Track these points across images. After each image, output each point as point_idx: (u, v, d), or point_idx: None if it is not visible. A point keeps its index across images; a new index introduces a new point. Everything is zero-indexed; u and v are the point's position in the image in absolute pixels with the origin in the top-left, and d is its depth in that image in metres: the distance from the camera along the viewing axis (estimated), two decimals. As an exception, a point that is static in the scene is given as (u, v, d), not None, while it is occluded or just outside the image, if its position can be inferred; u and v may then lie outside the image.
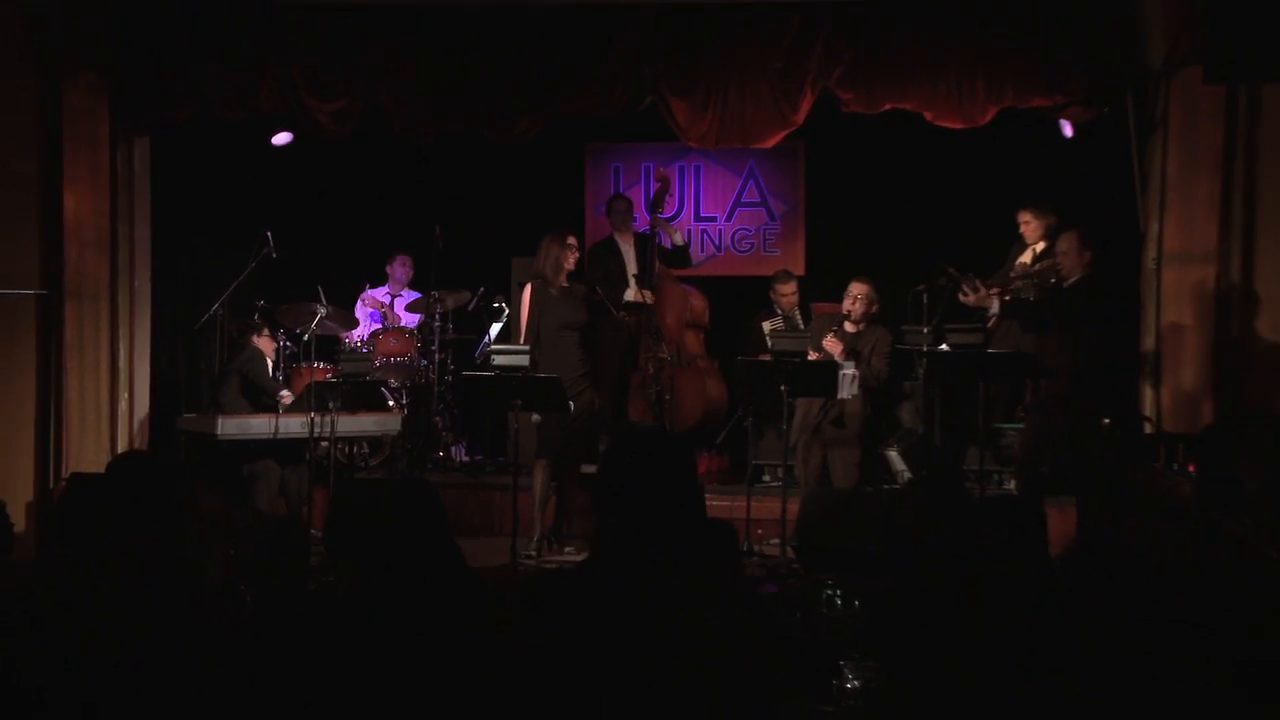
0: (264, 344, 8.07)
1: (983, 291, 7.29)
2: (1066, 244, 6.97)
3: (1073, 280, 6.93)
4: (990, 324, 7.57)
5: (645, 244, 8.57)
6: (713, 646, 2.64)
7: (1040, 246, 7.73)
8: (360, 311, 9.24)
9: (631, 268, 8.61)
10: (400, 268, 9.33)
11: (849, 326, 7.64)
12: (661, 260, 8.58)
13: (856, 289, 7.65)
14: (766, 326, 8.67)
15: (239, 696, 2.72)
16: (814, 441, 7.63)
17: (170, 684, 2.57)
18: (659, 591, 2.63)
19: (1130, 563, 3.65)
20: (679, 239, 8.74)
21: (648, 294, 8.36)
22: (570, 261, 7.39)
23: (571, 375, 7.18)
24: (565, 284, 7.39)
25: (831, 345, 7.53)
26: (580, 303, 7.52)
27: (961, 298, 7.42)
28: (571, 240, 7.43)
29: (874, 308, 7.72)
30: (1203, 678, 3.00)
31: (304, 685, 2.86)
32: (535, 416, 7.21)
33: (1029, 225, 7.84)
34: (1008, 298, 7.36)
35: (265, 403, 7.88)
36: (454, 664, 2.92)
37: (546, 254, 7.36)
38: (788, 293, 8.82)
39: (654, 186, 8.78)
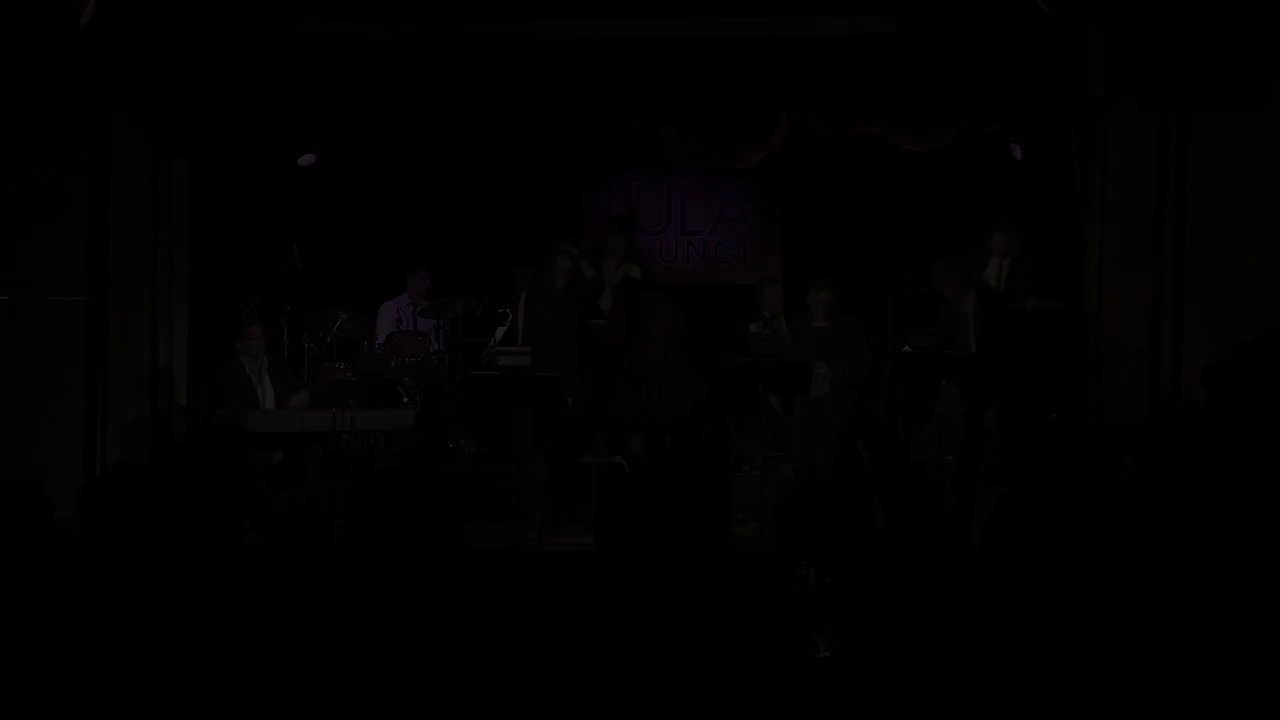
0: (247, 344, 7.79)
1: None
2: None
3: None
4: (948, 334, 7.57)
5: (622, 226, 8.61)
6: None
7: (1008, 261, 7.72)
8: (381, 321, 9.20)
9: (610, 269, 8.56)
10: (420, 280, 9.29)
11: (818, 322, 7.65)
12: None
13: (814, 298, 7.70)
14: (751, 329, 8.67)
15: (267, 669, 2.71)
16: (808, 437, 7.64)
17: (205, 657, 2.56)
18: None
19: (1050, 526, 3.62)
20: (636, 273, 8.56)
21: (635, 268, 8.32)
22: (561, 277, 7.34)
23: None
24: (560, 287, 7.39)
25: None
26: (570, 309, 7.46)
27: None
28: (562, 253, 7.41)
29: (839, 301, 7.73)
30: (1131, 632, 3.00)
31: (323, 658, 2.85)
32: None
33: (1004, 241, 7.73)
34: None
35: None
36: (455, 639, 2.92)
37: (550, 265, 7.35)
38: (769, 294, 8.83)
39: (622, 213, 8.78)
